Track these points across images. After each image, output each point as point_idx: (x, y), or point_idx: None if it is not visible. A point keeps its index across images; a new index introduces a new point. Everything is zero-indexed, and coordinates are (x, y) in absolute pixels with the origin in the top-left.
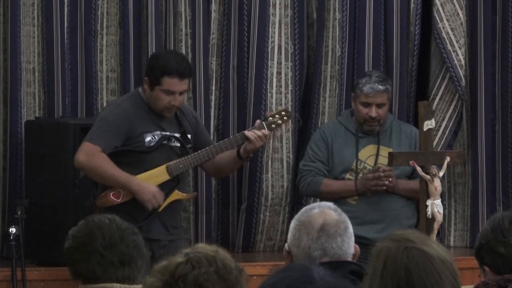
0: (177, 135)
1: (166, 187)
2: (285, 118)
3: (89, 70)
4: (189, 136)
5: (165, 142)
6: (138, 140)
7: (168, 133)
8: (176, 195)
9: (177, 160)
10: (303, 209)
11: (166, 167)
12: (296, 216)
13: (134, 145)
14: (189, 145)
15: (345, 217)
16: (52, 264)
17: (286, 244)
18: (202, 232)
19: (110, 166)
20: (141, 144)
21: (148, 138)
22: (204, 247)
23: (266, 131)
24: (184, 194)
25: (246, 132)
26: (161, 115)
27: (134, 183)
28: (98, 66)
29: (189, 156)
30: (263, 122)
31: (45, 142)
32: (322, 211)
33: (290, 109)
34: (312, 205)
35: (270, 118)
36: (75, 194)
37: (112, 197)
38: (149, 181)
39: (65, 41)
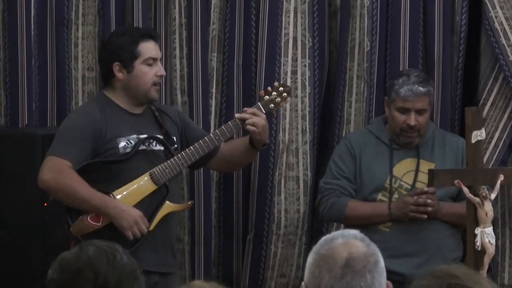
0: (158, 136)
1: (154, 200)
2: (284, 94)
3: (61, 68)
4: (174, 138)
5: (144, 147)
6: (111, 147)
7: (146, 136)
8: (168, 207)
9: (162, 165)
10: (323, 239)
11: (150, 175)
12: (315, 249)
13: (107, 153)
14: (174, 146)
15: (374, 248)
16: None
17: (302, 283)
18: (200, 267)
19: (82, 186)
20: (115, 152)
21: (122, 144)
22: (201, 286)
23: (258, 111)
24: (178, 205)
25: (237, 115)
26: (136, 115)
27: (111, 206)
28: (72, 64)
29: (175, 157)
30: (259, 103)
31: (7, 157)
32: (347, 242)
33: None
34: (334, 234)
35: (266, 96)
36: (43, 220)
37: (90, 222)
38: (133, 196)
39: (32, 33)
